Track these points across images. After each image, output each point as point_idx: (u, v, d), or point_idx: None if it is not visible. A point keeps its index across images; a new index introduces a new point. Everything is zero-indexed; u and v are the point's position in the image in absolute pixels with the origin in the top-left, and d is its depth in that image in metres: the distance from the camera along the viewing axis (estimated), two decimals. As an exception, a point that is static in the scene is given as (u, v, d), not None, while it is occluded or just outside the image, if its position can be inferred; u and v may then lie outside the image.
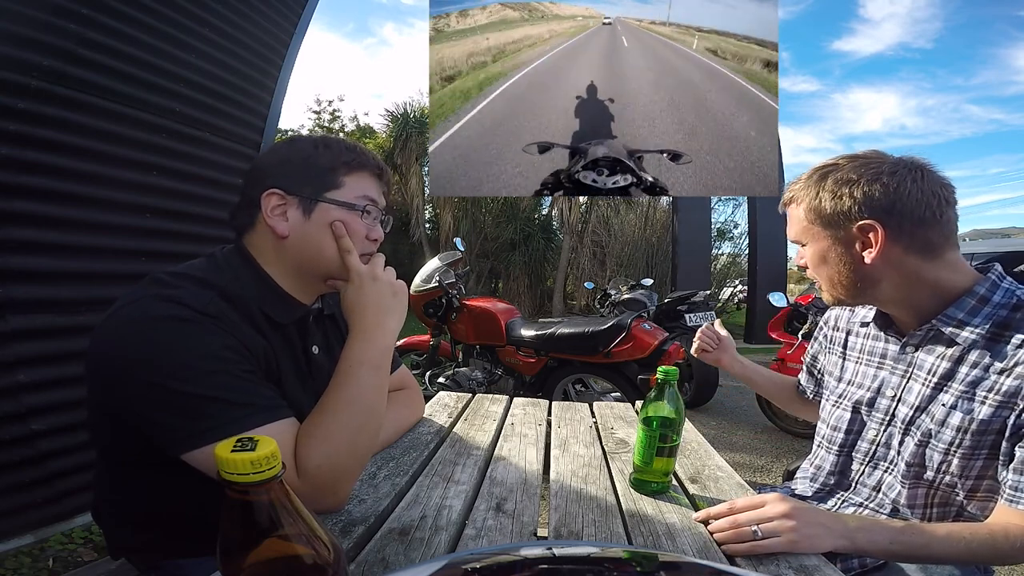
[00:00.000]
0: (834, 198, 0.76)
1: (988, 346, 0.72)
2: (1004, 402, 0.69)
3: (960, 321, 0.74)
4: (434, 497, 0.75)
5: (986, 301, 0.73)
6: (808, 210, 0.80)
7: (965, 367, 0.74)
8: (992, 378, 0.71)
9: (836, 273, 0.80)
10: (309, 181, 0.75)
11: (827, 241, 0.79)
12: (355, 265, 0.75)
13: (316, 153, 0.76)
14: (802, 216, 0.81)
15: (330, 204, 0.75)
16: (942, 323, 0.75)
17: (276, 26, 2.33)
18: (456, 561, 0.42)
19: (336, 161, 0.76)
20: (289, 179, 0.74)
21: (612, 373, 2.85)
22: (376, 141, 11.44)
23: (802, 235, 0.83)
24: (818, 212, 0.78)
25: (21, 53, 1.47)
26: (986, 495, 0.74)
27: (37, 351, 1.59)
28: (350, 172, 0.77)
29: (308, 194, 0.75)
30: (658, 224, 9.94)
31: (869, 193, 0.73)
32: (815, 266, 0.83)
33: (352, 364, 0.71)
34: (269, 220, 0.74)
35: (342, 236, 0.75)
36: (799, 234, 0.83)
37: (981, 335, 0.73)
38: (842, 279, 0.80)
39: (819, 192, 0.78)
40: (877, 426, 0.85)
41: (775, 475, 2.72)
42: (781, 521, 0.64)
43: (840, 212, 0.75)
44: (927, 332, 0.78)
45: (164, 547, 0.76)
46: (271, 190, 0.73)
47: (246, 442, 0.34)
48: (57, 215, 1.60)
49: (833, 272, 0.81)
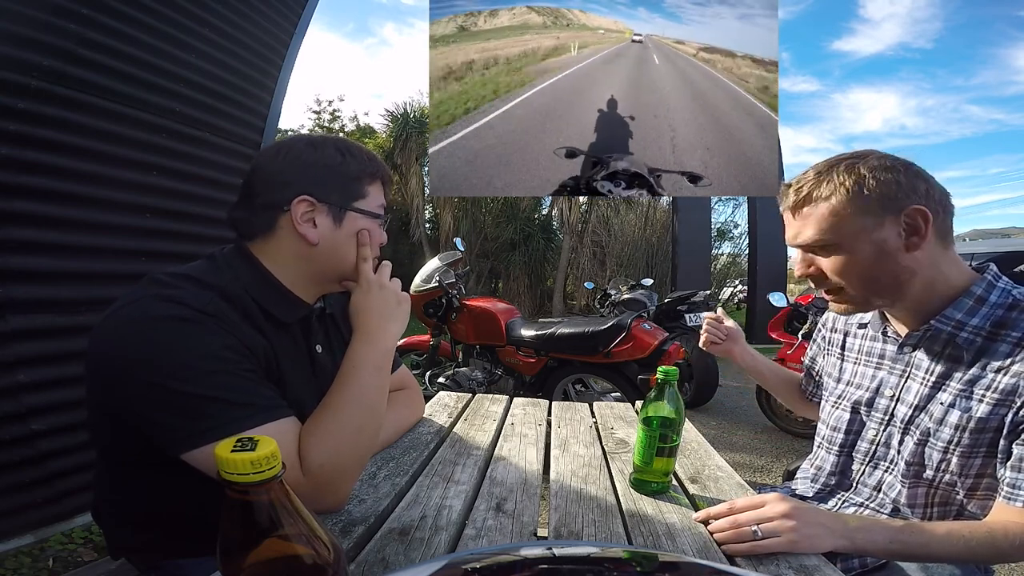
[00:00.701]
0: (879, 183, 0.70)
1: (985, 345, 0.73)
2: (1002, 400, 0.70)
3: (959, 322, 0.74)
4: (434, 497, 0.75)
5: (983, 301, 0.74)
6: (845, 200, 0.72)
7: (963, 366, 0.75)
8: (990, 376, 0.72)
9: (874, 270, 0.74)
10: (337, 189, 0.76)
11: (867, 233, 0.72)
12: (367, 272, 0.77)
13: (344, 161, 0.77)
14: (834, 209, 0.73)
15: (358, 213, 0.77)
16: (941, 323, 0.75)
17: (276, 26, 2.33)
18: (456, 561, 0.42)
19: (362, 171, 0.78)
20: (318, 186, 0.75)
21: (612, 373, 2.85)
22: (376, 141, 11.43)
23: (828, 233, 0.74)
24: (861, 198, 0.71)
25: (21, 53, 1.47)
26: (986, 493, 0.74)
27: (37, 351, 1.59)
28: (372, 182, 0.79)
29: (337, 202, 0.76)
30: (658, 224, 9.95)
31: (911, 178, 0.71)
32: (844, 268, 0.75)
33: (355, 365, 0.72)
34: (299, 227, 0.73)
35: (365, 244, 0.77)
36: (824, 233, 0.74)
37: (979, 335, 0.73)
38: (882, 276, 0.74)
39: (858, 179, 0.71)
40: (876, 426, 0.85)
41: (775, 475, 2.72)
42: (781, 521, 0.64)
43: (888, 197, 0.70)
44: (924, 332, 0.78)
45: (164, 547, 0.76)
46: (302, 197, 0.73)
47: (246, 442, 0.34)
48: (57, 215, 1.60)
49: (869, 270, 0.74)
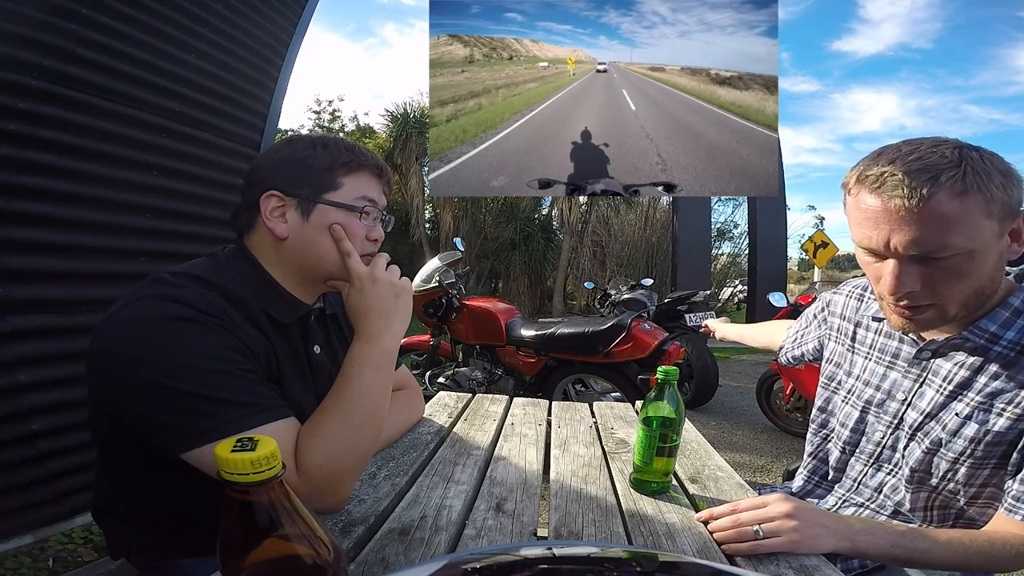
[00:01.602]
0: (1005, 188, 0.62)
1: (1016, 359, 0.69)
2: (1022, 415, 0.68)
3: (993, 334, 0.70)
4: (434, 497, 0.75)
5: (1020, 314, 0.70)
6: (982, 203, 0.61)
7: (984, 377, 0.71)
8: (1014, 391, 0.69)
9: (984, 278, 0.66)
10: (307, 182, 0.74)
11: (993, 241, 0.64)
12: (355, 267, 0.74)
13: (314, 153, 0.75)
14: (970, 213, 0.61)
15: (328, 206, 0.74)
16: (974, 335, 0.71)
17: (276, 26, 2.33)
18: (456, 561, 0.42)
19: (334, 162, 0.75)
20: (287, 180, 0.74)
21: (612, 373, 2.85)
22: (376, 141, 11.44)
23: (965, 239, 0.62)
24: (994, 205, 0.62)
25: (21, 53, 1.47)
26: (987, 501, 0.74)
27: (37, 351, 1.59)
28: (349, 172, 0.76)
29: (306, 195, 0.74)
30: (658, 224, 9.94)
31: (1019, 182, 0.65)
32: (963, 281, 0.65)
33: (355, 365, 0.71)
34: (268, 222, 0.73)
35: (341, 239, 0.74)
36: (960, 238, 0.62)
37: (1014, 350, 0.70)
38: (991, 286, 0.68)
39: (988, 181, 0.62)
40: (884, 428, 0.83)
41: (775, 475, 2.72)
42: (783, 521, 0.64)
43: (1012, 202, 0.63)
44: (948, 340, 0.74)
45: (164, 547, 0.76)
46: (270, 191, 0.73)
47: (246, 442, 0.34)
48: (57, 215, 1.59)
49: (981, 278, 0.66)
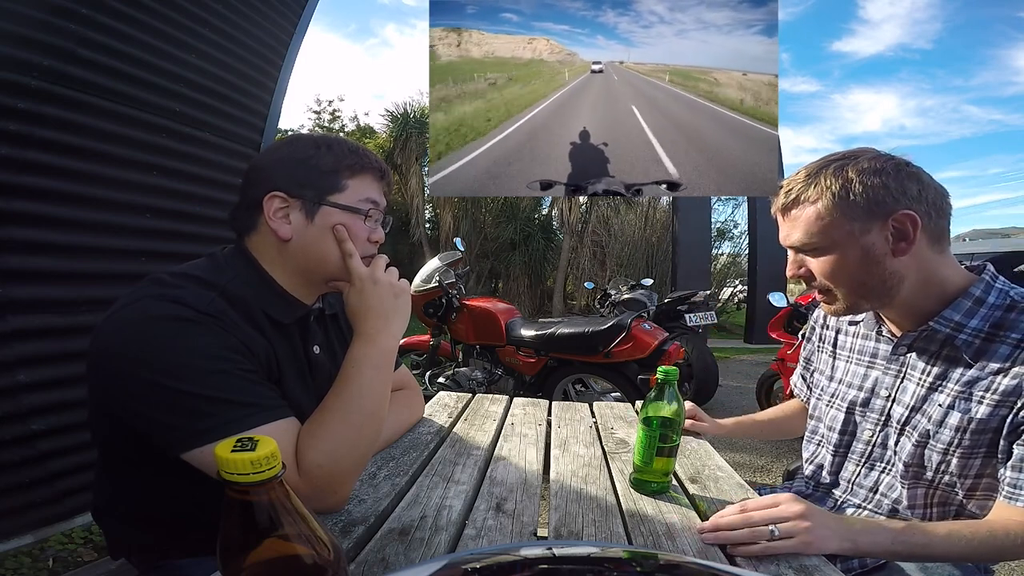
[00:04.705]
0: (866, 188, 0.70)
1: (984, 347, 0.73)
2: (1002, 401, 0.70)
3: (957, 323, 0.74)
4: (434, 497, 0.75)
5: (982, 303, 0.74)
6: (831, 205, 0.72)
7: (960, 367, 0.74)
8: (989, 378, 0.71)
9: (861, 274, 0.74)
10: (311, 184, 0.74)
11: (854, 237, 0.72)
12: (357, 268, 0.74)
13: (318, 154, 0.75)
14: (820, 213, 0.73)
15: (333, 208, 0.75)
16: (939, 325, 0.75)
17: (276, 26, 2.33)
18: (456, 561, 0.42)
19: (339, 164, 0.75)
20: (291, 181, 0.74)
21: (612, 373, 2.85)
22: (376, 141, 11.44)
23: (815, 236, 0.74)
24: (848, 204, 0.71)
25: (21, 53, 1.47)
26: (985, 493, 0.74)
27: (37, 351, 1.59)
28: (353, 175, 0.76)
29: (311, 197, 0.74)
30: (658, 224, 9.94)
31: (902, 181, 0.71)
32: (831, 271, 0.75)
33: (355, 366, 0.71)
34: (272, 223, 0.73)
35: (344, 240, 0.74)
36: (811, 236, 0.75)
37: (978, 337, 0.73)
38: (869, 280, 0.74)
39: (845, 183, 0.71)
40: (872, 427, 0.85)
41: (775, 475, 2.72)
42: (797, 522, 0.64)
43: (875, 201, 0.70)
44: (920, 333, 0.78)
45: (164, 547, 0.76)
46: (274, 192, 0.73)
47: (246, 442, 0.34)
48: (57, 215, 1.60)
49: (857, 274, 0.74)
